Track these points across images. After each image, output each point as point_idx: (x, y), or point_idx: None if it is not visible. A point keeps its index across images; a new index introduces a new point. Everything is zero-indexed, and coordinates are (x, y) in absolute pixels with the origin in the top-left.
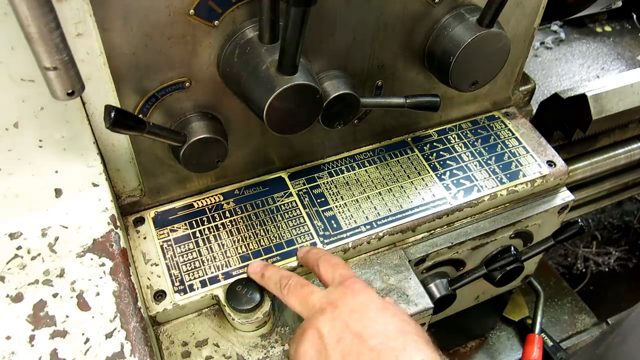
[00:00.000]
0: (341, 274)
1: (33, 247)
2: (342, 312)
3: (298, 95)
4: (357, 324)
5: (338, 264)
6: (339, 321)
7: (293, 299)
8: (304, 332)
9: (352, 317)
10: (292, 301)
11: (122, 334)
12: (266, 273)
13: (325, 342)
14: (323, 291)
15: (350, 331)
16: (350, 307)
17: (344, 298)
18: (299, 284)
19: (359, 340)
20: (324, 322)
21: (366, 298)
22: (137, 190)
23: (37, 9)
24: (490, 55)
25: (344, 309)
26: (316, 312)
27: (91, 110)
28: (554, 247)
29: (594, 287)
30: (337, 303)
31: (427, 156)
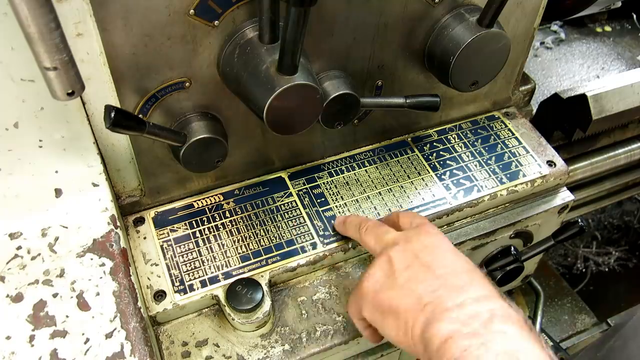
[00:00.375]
0: (419, 221)
1: (33, 247)
2: (415, 246)
3: (298, 95)
4: (427, 256)
5: (417, 215)
6: (409, 252)
7: (369, 237)
8: (375, 260)
9: (424, 251)
10: (368, 239)
11: (122, 334)
12: (347, 220)
13: (395, 268)
14: (399, 232)
15: (420, 261)
16: (423, 243)
17: (418, 236)
18: (376, 224)
19: (426, 269)
20: (396, 252)
21: (439, 239)
22: (137, 190)
23: (37, 9)
24: (490, 55)
25: (417, 244)
26: (389, 245)
27: (91, 110)
28: (554, 247)
29: (594, 287)
30: (410, 239)
31: (427, 156)
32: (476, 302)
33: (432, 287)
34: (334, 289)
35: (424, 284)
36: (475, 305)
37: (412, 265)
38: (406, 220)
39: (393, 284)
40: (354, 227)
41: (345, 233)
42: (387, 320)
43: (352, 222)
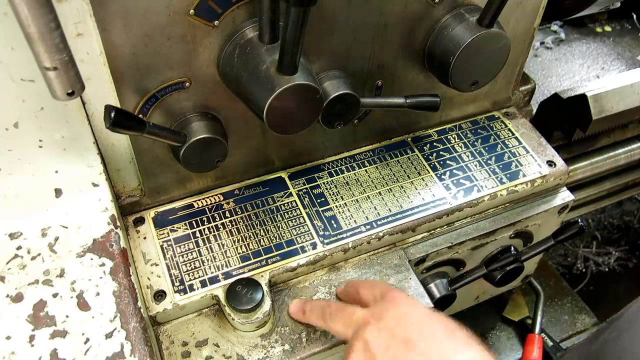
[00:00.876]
0: (382, 290)
1: (33, 247)
2: (388, 322)
3: (298, 95)
4: (403, 330)
5: (376, 283)
6: (385, 331)
7: (337, 323)
8: (351, 347)
9: (398, 326)
10: (336, 325)
11: (122, 334)
12: (306, 307)
13: (374, 352)
14: (365, 309)
15: (398, 338)
16: (395, 317)
17: (387, 310)
18: (339, 307)
19: (406, 345)
20: (370, 333)
21: (409, 307)
22: (137, 190)
23: (37, 9)
24: (490, 55)
25: (389, 319)
26: (361, 327)
27: (91, 110)
28: (554, 247)
29: (594, 287)
30: (381, 315)
31: (427, 156)
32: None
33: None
34: (334, 289)
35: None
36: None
37: (391, 345)
38: (367, 293)
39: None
40: (317, 315)
41: (307, 321)
42: None
43: (313, 310)
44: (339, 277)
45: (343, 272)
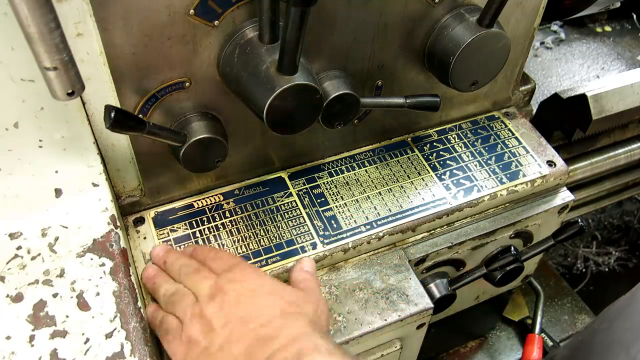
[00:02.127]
0: (229, 263)
1: (33, 247)
2: (231, 297)
3: (298, 95)
4: (242, 308)
5: (224, 256)
6: (226, 306)
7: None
8: (193, 316)
9: (239, 302)
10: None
11: (122, 334)
12: (169, 259)
13: (214, 327)
14: (214, 278)
15: (236, 316)
16: (238, 292)
17: (232, 283)
18: (196, 270)
19: (241, 324)
20: (212, 309)
21: (254, 280)
22: (137, 190)
23: (37, 9)
24: (490, 55)
25: (232, 294)
26: (205, 300)
27: (91, 110)
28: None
29: (594, 287)
30: (227, 290)
31: (427, 156)
32: (284, 347)
33: (246, 344)
34: (334, 289)
35: (239, 344)
36: (283, 352)
37: (229, 322)
38: (217, 265)
39: (212, 352)
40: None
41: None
42: None
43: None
44: (339, 277)
45: (343, 272)
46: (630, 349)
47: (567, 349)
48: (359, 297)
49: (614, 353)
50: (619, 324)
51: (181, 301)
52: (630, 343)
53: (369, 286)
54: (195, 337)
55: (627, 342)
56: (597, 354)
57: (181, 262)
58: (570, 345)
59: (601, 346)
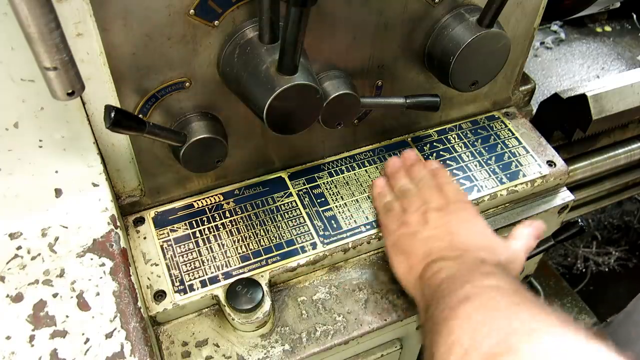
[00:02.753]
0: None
1: (33, 247)
2: (452, 217)
3: (298, 95)
4: (455, 226)
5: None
6: (445, 219)
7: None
8: (417, 210)
9: (457, 222)
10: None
11: (122, 334)
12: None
13: (428, 224)
14: (445, 200)
15: (447, 228)
16: (460, 217)
17: (458, 211)
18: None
19: (449, 235)
20: (434, 213)
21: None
22: (137, 190)
23: (37, 9)
24: (490, 55)
25: (454, 216)
26: (433, 207)
27: (91, 110)
28: (554, 247)
29: (594, 287)
30: (452, 211)
31: (427, 156)
32: (473, 258)
33: (444, 245)
34: (334, 289)
35: (440, 244)
36: (472, 257)
37: (439, 227)
38: (451, 192)
39: (418, 235)
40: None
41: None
42: (400, 257)
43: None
44: (339, 277)
45: (343, 272)
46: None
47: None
48: (359, 297)
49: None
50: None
51: (413, 197)
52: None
53: (369, 286)
54: (411, 223)
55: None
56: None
57: (424, 173)
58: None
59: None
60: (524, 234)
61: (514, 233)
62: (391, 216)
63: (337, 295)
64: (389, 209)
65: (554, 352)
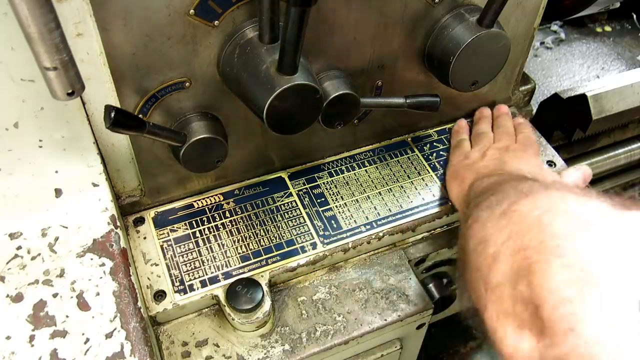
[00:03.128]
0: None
1: (33, 247)
2: (508, 156)
3: (298, 95)
4: (508, 164)
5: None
6: (501, 157)
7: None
8: (481, 149)
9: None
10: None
11: (122, 334)
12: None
13: (486, 157)
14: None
15: (502, 161)
16: (514, 156)
17: (516, 152)
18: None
19: (502, 163)
20: (494, 153)
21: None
22: (137, 190)
23: (37, 9)
24: (490, 55)
25: (511, 154)
26: (496, 146)
27: (91, 110)
28: None
29: None
30: (511, 149)
31: (427, 156)
32: (517, 176)
33: (492, 169)
34: (334, 289)
35: (490, 169)
36: (515, 175)
37: (495, 160)
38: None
39: (474, 166)
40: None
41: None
42: (454, 182)
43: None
44: (339, 277)
45: (343, 272)
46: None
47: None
48: (359, 297)
49: None
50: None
51: (484, 138)
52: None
53: (369, 286)
54: (471, 157)
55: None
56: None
57: (507, 122)
58: None
59: None
60: (573, 175)
61: (563, 173)
62: (458, 151)
63: (337, 295)
64: (459, 145)
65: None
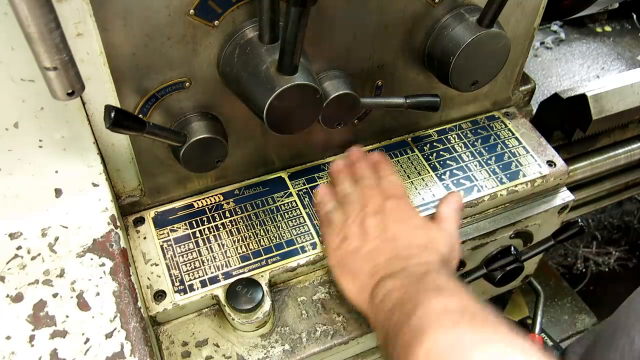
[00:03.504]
0: (398, 192)
1: (33, 247)
2: (388, 216)
3: (298, 95)
4: (396, 227)
5: (397, 184)
6: (382, 223)
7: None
8: (351, 220)
9: (395, 223)
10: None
11: (122, 334)
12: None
13: (368, 236)
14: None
15: (388, 234)
16: (395, 215)
17: (394, 210)
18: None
19: (392, 242)
20: (371, 218)
21: (410, 214)
22: (137, 190)
23: (37, 9)
24: (490, 55)
25: (390, 215)
26: (372, 211)
27: (91, 110)
28: (554, 247)
29: (594, 287)
30: (384, 208)
31: (427, 156)
32: (417, 265)
33: (388, 256)
34: (334, 289)
35: (383, 257)
36: (414, 268)
37: (379, 236)
38: (389, 189)
39: (360, 252)
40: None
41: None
42: (346, 277)
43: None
44: None
45: None
46: (630, 331)
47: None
48: None
49: (617, 337)
50: (623, 312)
51: (353, 202)
52: (630, 326)
53: None
54: (351, 237)
55: (628, 326)
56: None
57: (365, 171)
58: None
59: (607, 334)
60: (450, 213)
61: (441, 214)
62: (332, 229)
63: (337, 295)
64: (330, 220)
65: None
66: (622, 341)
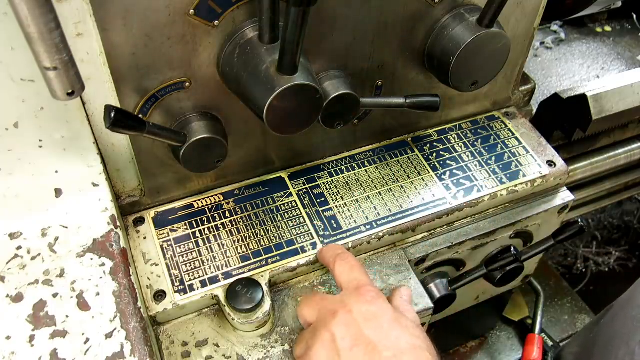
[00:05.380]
0: (357, 278)
1: (33, 247)
2: (357, 318)
3: (298, 95)
4: (371, 333)
5: (355, 266)
6: (353, 327)
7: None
8: (315, 333)
9: (367, 326)
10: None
11: (122, 334)
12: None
13: (339, 347)
14: (337, 295)
15: (365, 340)
16: (365, 315)
17: (358, 304)
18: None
19: (372, 349)
20: (337, 326)
21: (380, 308)
22: (137, 190)
23: (37, 9)
24: (490, 55)
25: (358, 315)
26: (329, 314)
27: (91, 110)
28: (554, 247)
29: (594, 287)
30: (351, 308)
31: (427, 156)
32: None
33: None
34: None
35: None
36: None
37: (357, 346)
38: (344, 275)
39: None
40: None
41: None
42: None
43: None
44: None
45: None
46: (629, 342)
47: (576, 346)
48: None
49: (615, 346)
50: (619, 318)
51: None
52: (629, 336)
53: None
54: (317, 353)
55: (626, 335)
56: (600, 348)
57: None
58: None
59: (604, 340)
60: (404, 295)
61: (396, 294)
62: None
63: None
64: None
65: None
66: (621, 352)
